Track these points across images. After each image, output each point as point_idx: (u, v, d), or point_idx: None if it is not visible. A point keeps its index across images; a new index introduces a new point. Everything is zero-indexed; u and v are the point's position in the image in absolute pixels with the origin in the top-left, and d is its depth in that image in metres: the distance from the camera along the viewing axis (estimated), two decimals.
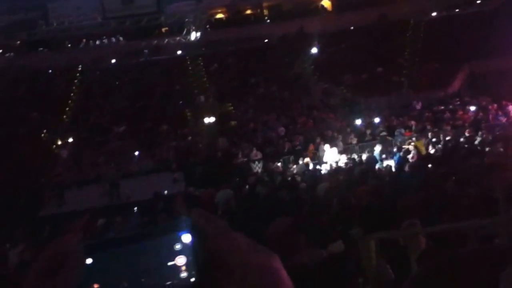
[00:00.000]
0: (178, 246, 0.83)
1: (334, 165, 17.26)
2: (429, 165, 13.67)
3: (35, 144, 23.51)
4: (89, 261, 0.81)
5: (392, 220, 7.17)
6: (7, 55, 34.19)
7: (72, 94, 29.76)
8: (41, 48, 33.82)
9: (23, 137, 24.05)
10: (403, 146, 17.51)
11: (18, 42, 35.59)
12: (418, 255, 4.19)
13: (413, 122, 20.73)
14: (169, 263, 0.82)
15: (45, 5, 34.44)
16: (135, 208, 14.62)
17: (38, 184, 19.49)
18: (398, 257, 4.60)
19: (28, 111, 26.96)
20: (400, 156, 16.16)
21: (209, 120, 23.48)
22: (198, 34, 31.11)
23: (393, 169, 14.80)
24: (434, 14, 33.18)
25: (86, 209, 15.40)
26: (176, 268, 0.82)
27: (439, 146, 17.22)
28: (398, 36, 30.20)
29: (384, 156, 17.58)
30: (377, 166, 16.25)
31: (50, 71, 32.13)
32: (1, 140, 23.46)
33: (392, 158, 16.96)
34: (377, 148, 18.09)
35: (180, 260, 0.83)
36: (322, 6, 38.05)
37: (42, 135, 24.94)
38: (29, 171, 20.58)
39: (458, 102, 23.74)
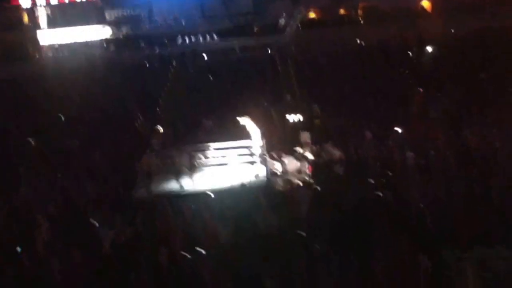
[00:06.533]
0: None
1: None
2: None
3: (131, 132, 24.92)
4: None
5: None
6: (112, 49, 36.52)
7: (165, 88, 31.19)
8: (142, 43, 35.75)
9: (123, 125, 25.58)
10: None
11: (121, 36, 37.89)
12: None
13: None
14: None
15: (150, 2, 36.54)
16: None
17: (131, 170, 20.59)
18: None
19: (127, 101, 28.64)
20: None
21: (293, 118, 23.61)
22: (290, 34, 31.36)
23: None
24: None
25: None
26: None
27: None
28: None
29: None
30: None
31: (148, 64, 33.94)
32: (105, 128, 25.19)
33: None
34: None
35: None
36: (422, 7, 36.50)
37: (137, 123, 26.31)
38: (125, 157, 21.85)
39: None
